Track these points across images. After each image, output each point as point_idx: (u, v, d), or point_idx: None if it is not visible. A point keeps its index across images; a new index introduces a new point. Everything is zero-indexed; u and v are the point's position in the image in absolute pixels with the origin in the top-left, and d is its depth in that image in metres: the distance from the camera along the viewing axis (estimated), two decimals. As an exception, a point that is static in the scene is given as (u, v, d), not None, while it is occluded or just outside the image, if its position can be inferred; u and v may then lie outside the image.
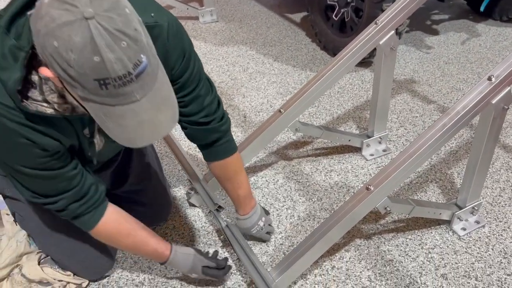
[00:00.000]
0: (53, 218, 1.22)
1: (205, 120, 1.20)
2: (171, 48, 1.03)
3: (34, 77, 0.88)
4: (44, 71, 0.78)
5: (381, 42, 1.62)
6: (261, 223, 1.47)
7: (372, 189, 1.25)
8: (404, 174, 1.26)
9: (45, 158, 0.97)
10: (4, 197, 1.29)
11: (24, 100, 0.87)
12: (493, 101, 1.27)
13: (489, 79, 1.25)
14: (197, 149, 1.36)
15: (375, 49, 1.66)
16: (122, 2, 0.74)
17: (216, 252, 1.42)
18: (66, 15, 0.70)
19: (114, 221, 1.16)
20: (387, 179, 1.25)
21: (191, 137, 1.27)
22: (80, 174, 1.07)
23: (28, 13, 0.78)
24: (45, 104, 0.90)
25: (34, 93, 0.88)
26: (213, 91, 1.20)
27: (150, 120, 0.81)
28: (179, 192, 1.76)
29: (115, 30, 0.71)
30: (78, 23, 0.69)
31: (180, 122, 1.21)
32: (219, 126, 1.23)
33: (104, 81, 0.73)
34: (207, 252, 1.40)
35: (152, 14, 0.98)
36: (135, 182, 1.45)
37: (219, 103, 1.23)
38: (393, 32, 1.61)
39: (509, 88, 1.28)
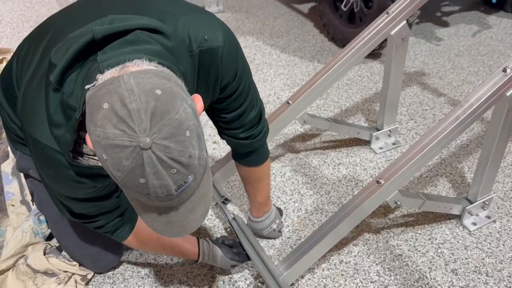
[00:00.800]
0: None
1: (244, 136, 1.17)
2: (225, 70, 0.98)
3: (85, 134, 0.84)
4: (88, 141, 0.75)
5: (392, 33, 1.58)
6: (274, 225, 1.46)
7: (382, 182, 1.22)
8: (415, 167, 1.24)
9: (95, 191, 0.98)
10: (27, 176, 1.28)
11: (77, 157, 0.87)
12: (508, 93, 1.24)
13: (504, 70, 1.22)
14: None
15: (385, 40, 1.62)
16: (185, 125, 0.70)
17: (236, 243, 1.39)
18: (121, 138, 0.67)
19: (143, 230, 1.18)
20: (398, 173, 1.22)
21: (226, 143, 1.25)
22: (121, 197, 1.08)
23: (86, 87, 0.74)
24: (96, 158, 0.88)
25: (86, 148, 0.88)
26: (257, 104, 1.15)
27: (180, 221, 0.80)
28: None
29: (168, 159, 0.68)
30: (132, 150, 0.67)
31: (218, 130, 1.21)
32: (255, 142, 1.20)
33: (145, 195, 0.72)
34: (232, 245, 1.38)
35: (206, 37, 0.93)
36: None
37: (261, 117, 1.19)
38: (404, 22, 1.57)
39: (525, 80, 1.24)
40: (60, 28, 0.95)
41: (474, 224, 1.54)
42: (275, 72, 2.50)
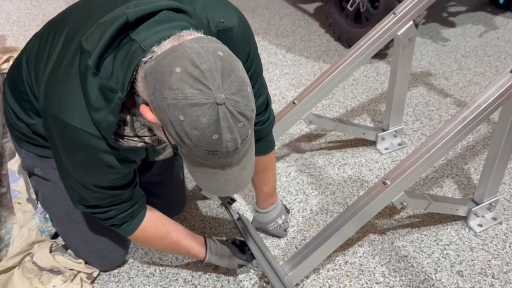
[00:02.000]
0: None
1: None
2: (239, 50, 1.01)
3: (125, 116, 0.90)
4: (146, 114, 0.80)
5: (399, 33, 1.57)
6: (280, 221, 1.46)
7: (388, 183, 1.22)
8: (422, 168, 1.23)
9: (118, 179, 1.02)
10: (30, 175, 1.29)
11: (118, 139, 0.91)
12: (516, 94, 1.23)
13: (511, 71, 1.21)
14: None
15: (391, 40, 1.62)
16: (245, 81, 0.78)
17: (244, 244, 1.38)
18: (199, 96, 0.73)
19: (151, 226, 1.18)
20: (405, 174, 1.22)
21: None
22: (136, 190, 1.11)
23: (143, 59, 0.79)
24: (136, 139, 0.94)
25: (126, 130, 0.92)
26: (265, 92, 1.20)
27: (235, 178, 0.86)
28: (191, 183, 1.75)
29: (237, 113, 0.76)
30: (209, 106, 0.73)
31: None
32: (263, 128, 1.23)
33: (214, 152, 0.78)
34: (239, 246, 1.36)
35: (222, 20, 0.98)
36: (156, 173, 1.44)
37: (268, 105, 1.22)
38: (411, 22, 1.57)
39: (532, 80, 1.23)
40: (78, 21, 0.98)
41: (480, 225, 1.54)
42: (281, 71, 2.49)
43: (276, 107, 2.19)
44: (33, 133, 1.15)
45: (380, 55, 2.56)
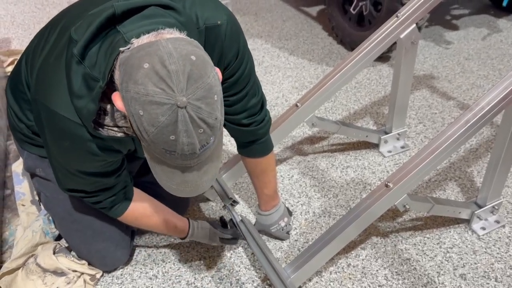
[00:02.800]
0: (79, 205, 1.27)
1: (246, 122, 1.20)
2: (227, 48, 1.04)
3: (106, 105, 0.92)
4: (116, 101, 0.81)
5: (402, 36, 1.58)
6: (282, 223, 1.46)
7: (391, 186, 1.22)
8: (425, 171, 1.23)
9: (103, 165, 1.04)
10: (33, 176, 1.31)
11: (98, 128, 0.92)
12: (518, 97, 1.23)
13: (515, 74, 1.21)
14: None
15: (394, 43, 1.62)
16: (214, 89, 0.78)
17: (229, 221, 1.46)
18: (161, 96, 0.73)
19: (139, 207, 1.22)
20: (407, 176, 1.22)
21: (229, 133, 1.27)
22: (122, 175, 1.13)
23: (121, 49, 0.80)
24: (115, 129, 0.95)
25: (106, 120, 0.93)
26: (259, 93, 1.20)
27: (194, 181, 0.87)
28: (193, 185, 1.75)
29: (198, 119, 0.76)
30: (169, 107, 0.74)
31: None
32: (258, 129, 1.24)
33: (171, 152, 0.78)
34: (224, 222, 1.45)
35: (210, 17, 1.00)
36: None
37: (263, 105, 1.23)
38: (414, 25, 1.57)
39: (534, 84, 1.23)
40: (73, 15, 1.00)
41: (483, 228, 1.53)
42: (284, 74, 2.50)
43: (279, 110, 2.19)
44: (33, 133, 1.17)
45: (383, 58, 2.56)
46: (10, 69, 2.41)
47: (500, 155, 1.39)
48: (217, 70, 0.84)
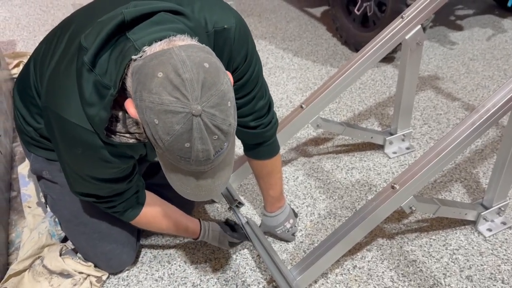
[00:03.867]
0: (85, 208, 1.28)
1: (253, 125, 1.21)
2: (236, 51, 1.04)
3: (117, 112, 0.92)
4: (130, 109, 0.81)
5: (407, 37, 1.57)
6: (288, 225, 1.46)
7: (397, 187, 1.22)
8: (431, 173, 1.23)
9: (116, 172, 1.05)
10: (39, 178, 1.31)
11: (111, 135, 0.93)
12: (525, 98, 1.23)
13: (522, 75, 1.20)
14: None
15: (399, 44, 1.62)
16: (227, 96, 0.78)
17: (237, 225, 1.47)
18: (175, 105, 0.74)
19: (151, 210, 1.24)
20: (414, 178, 1.21)
21: (236, 135, 1.26)
22: (134, 180, 1.13)
23: (133, 57, 0.81)
24: (127, 135, 0.95)
25: (118, 127, 0.94)
26: (266, 95, 1.21)
27: (207, 185, 0.88)
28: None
29: (213, 126, 0.76)
30: (184, 115, 0.74)
31: None
32: (265, 131, 1.24)
33: (185, 158, 0.79)
34: (232, 226, 1.46)
35: (219, 20, 1.00)
36: (165, 176, 1.46)
37: (270, 108, 1.23)
38: (419, 26, 1.57)
39: (541, 84, 1.23)
40: (82, 21, 1.00)
41: (490, 230, 1.53)
42: (288, 76, 2.50)
43: (283, 111, 2.19)
44: (41, 136, 1.17)
45: (388, 58, 2.56)
46: (15, 71, 2.42)
47: (506, 157, 1.38)
48: (229, 74, 0.84)
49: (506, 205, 1.53)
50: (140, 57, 0.80)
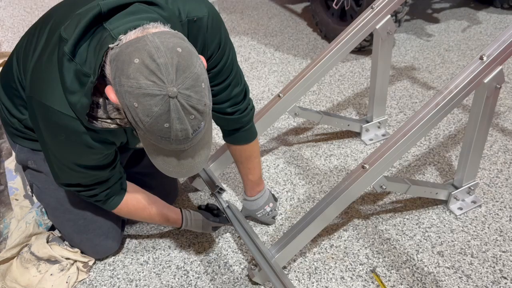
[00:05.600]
0: (71, 196, 1.33)
1: (230, 111, 1.27)
2: (210, 39, 1.10)
3: (98, 99, 0.98)
4: (110, 95, 0.87)
5: (377, 27, 1.64)
6: (268, 208, 1.52)
7: (367, 167, 1.28)
8: (399, 152, 1.30)
9: (99, 159, 1.10)
10: (25, 168, 1.36)
11: (92, 121, 0.98)
12: (485, 80, 1.30)
13: (481, 58, 1.28)
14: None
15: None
16: (201, 77, 0.85)
17: (218, 210, 1.52)
18: (152, 88, 0.80)
19: (132, 199, 1.28)
20: (382, 157, 1.28)
21: (215, 122, 1.33)
22: (116, 168, 1.19)
23: (110, 45, 0.86)
24: (108, 121, 1.00)
25: (99, 112, 0.99)
26: (242, 82, 1.27)
27: (188, 163, 0.94)
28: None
29: (189, 106, 0.83)
30: (161, 98, 0.80)
31: None
32: (242, 117, 1.30)
33: (165, 138, 0.85)
34: (213, 210, 1.52)
35: (192, 9, 1.06)
36: (148, 165, 1.50)
37: (246, 94, 1.30)
38: (389, 16, 1.64)
39: (500, 67, 1.30)
40: (61, 14, 1.05)
41: (460, 209, 1.60)
42: (269, 69, 2.56)
43: (264, 103, 2.25)
44: (25, 127, 1.22)
45: (366, 51, 2.63)
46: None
47: (472, 138, 1.46)
48: (202, 58, 0.90)
49: (475, 185, 1.61)
50: (117, 45, 0.85)
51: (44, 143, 1.09)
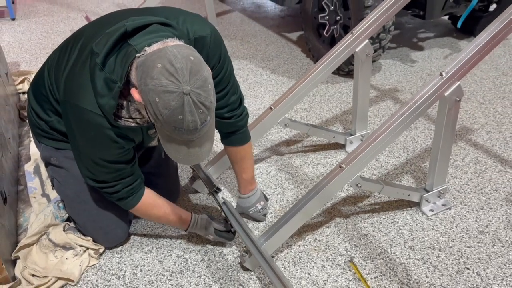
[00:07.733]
0: (86, 189, 1.52)
1: (228, 115, 1.49)
2: (212, 53, 1.33)
3: (122, 101, 1.22)
4: (135, 95, 1.11)
5: (357, 50, 1.88)
6: (259, 206, 1.72)
7: (344, 167, 1.49)
8: (372, 154, 1.50)
9: (121, 153, 1.30)
10: (47, 164, 1.56)
11: (117, 119, 1.21)
12: (446, 94, 1.52)
13: (441, 74, 1.50)
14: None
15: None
16: (208, 80, 1.08)
17: (225, 220, 1.65)
18: (171, 86, 1.02)
19: (149, 199, 1.46)
20: (357, 158, 1.49)
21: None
22: (135, 165, 1.39)
23: (137, 55, 1.10)
24: (130, 120, 1.24)
25: (123, 113, 1.22)
26: (238, 91, 1.50)
27: (195, 151, 1.15)
28: (183, 180, 2.01)
29: (198, 102, 1.05)
30: (177, 94, 1.02)
31: None
32: (238, 121, 1.53)
33: (179, 128, 1.06)
34: (219, 218, 1.66)
35: (198, 30, 1.30)
36: (154, 165, 1.71)
37: (241, 102, 1.52)
38: (367, 40, 1.88)
39: (459, 82, 1.53)
40: (91, 33, 1.29)
41: (432, 210, 1.79)
42: (265, 89, 2.80)
43: (260, 119, 2.47)
44: (50, 128, 1.44)
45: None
46: (20, 86, 2.69)
47: (438, 145, 1.66)
48: (208, 67, 1.13)
49: (445, 189, 1.80)
50: (143, 54, 1.09)
51: (75, 144, 1.31)
